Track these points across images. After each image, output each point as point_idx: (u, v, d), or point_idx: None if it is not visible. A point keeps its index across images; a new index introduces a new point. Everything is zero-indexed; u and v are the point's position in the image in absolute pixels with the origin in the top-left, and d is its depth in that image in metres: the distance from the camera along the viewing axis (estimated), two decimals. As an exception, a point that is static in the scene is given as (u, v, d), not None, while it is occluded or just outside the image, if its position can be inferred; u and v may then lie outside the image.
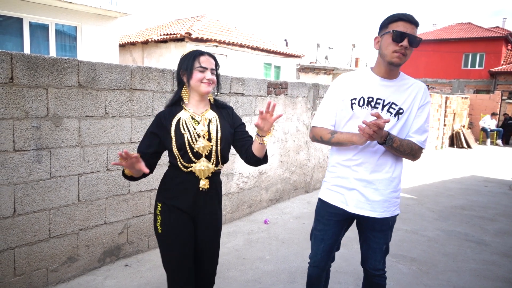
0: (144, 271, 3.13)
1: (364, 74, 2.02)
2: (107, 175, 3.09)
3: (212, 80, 1.87)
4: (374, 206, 1.98)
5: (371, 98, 1.95)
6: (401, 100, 1.94)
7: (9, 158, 2.51)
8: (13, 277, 2.61)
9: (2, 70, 2.42)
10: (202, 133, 1.86)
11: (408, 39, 1.81)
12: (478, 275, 3.36)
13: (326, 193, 2.12)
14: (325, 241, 2.12)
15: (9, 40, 8.74)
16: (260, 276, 3.17)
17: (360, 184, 1.98)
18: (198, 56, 1.87)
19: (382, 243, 2.07)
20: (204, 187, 1.89)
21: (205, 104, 1.96)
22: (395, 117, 1.93)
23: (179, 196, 1.90)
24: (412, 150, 1.93)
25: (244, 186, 4.55)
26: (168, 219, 1.89)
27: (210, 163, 1.88)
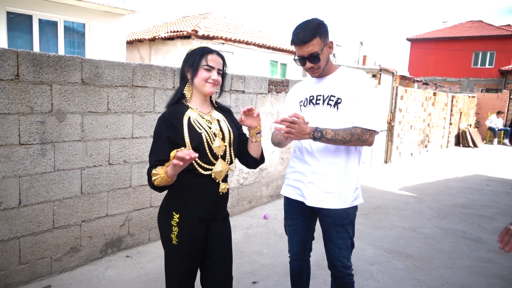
0: (144, 262, 3.24)
1: (307, 79, 2.20)
2: (109, 169, 3.19)
3: (217, 81, 1.77)
4: (332, 198, 2.01)
5: (312, 97, 2.08)
6: (338, 91, 2.00)
7: (15, 151, 2.63)
8: (18, 265, 2.74)
9: (8, 67, 2.53)
10: (217, 133, 1.76)
11: (308, 61, 1.97)
12: (472, 272, 3.41)
13: (287, 188, 2.20)
14: (297, 234, 2.20)
15: (19, 37, 8.92)
16: (256, 268, 3.26)
17: (316, 177, 2.03)
18: (206, 54, 1.76)
19: (346, 237, 2.09)
20: (224, 191, 1.79)
21: (208, 104, 1.86)
22: (335, 107, 2.00)
23: (198, 204, 1.75)
24: (353, 135, 1.89)
25: (244, 182, 4.64)
26: (186, 232, 1.74)
27: (226, 164, 1.78)
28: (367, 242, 3.93)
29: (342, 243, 2.08)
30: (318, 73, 2.02)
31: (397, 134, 8.87)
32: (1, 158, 2.57)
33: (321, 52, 1.94)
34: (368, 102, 1.96)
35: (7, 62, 2.53)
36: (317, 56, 1.94)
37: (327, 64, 2.03)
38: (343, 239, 2.08)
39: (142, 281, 2.94)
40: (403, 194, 6.12)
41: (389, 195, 5.97)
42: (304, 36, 1.90)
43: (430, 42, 27.80)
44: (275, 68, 15.77)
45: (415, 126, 9.85)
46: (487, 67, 25.93)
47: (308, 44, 1.91)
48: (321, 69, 2.01)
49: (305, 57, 1.96)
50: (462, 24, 29.22)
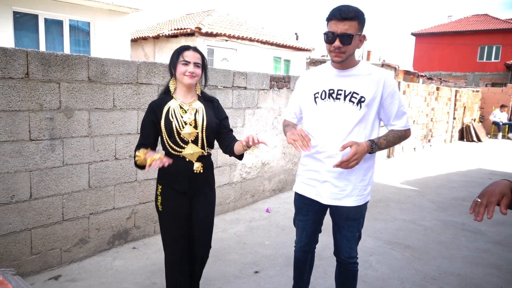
0: (150, 253, 3.36)
1: (324, 68, 2.08)
2: (115, 164, 3.31)
3: (195, 73, 2.06)
4: (347, 196, 2.04)
5: (332, 90, 1.99)
6: (362, 88, 1.95)
7: (25, 146, 2.75)
8: (30, 256, 2.87)
9: (18, 66, 2.65)
10: (189, 121, 2.08)
11: (338, 39, 1.83)
12: (469, 262, 3.49)
13: (301, 186, 2.20)
14: (306, 229, 2.25)
15: (25, 36, 9.06)
16: (258, 259, 3.36)
17: (332, 176, 2.03)
18: (183, 51, 2.08)
19: (355, 231, 2.14)
20: (198, 170, 2.11)
21: (192, 95, 2.17)
22: (357, 106, 1.95)
23: (176, 179, 2.12)
24: (400, 138, 2.03)
25: (247, 176, 4.74)
26: (167, 200, 2.14)
27: (197, 147, 2.10)
28: (367, 234, 4.02)
29: (351, 236, 2.14)
30: (341, 58, 1.89)
31: (400, 129, 8.89)
32: (13, 153, 2.69)
33: (354, 36, 1.84)
34: (402, 103, 2.03)
35: (18, 61, 2.64)
36: (350, 38, 1.82)
37: (352, 54, 1.93)
38: (352, 232, 2.14)
39: (148, 271, 3.06)
40: (405, 187, 6.19)
41: (390, 189, 6.04)
42: (347, 13, 1.80)
43: (435, 36, 27.66)
44: (278, 64, 15.82)
45: (418, 121, 9.88)
46: (493, 61, 25.77)
47: (346, 21, 1.80)
48: (345, 56, 1.88)
49: (337, 34, 1.82)
50: (468, 18, 29.03)
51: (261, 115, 4.79)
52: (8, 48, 2.60)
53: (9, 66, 2.60)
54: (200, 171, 2.12)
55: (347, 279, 2.27)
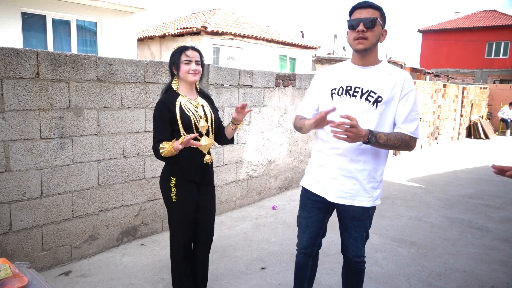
0: (158, 250, 3.41)
1: (343, 65, 2.06)
2: (123, 162, 3.36)
3: (197, 70, 2.19)
4: (355, 195, 1.99)
5: (349, 87, 1.95)
6: (380, 88, 1.90)
7: (36, 145, 2.81)
8: (41, 252, 2.93)
9: (29, 66, 2.70)
10: (202, 115, 2.24)
11: (362, 23, 1.83)
12: (476, 259, 3.49)
13: (308, 181, 2.16)
14: (309, 227, 2.17)
15: (33, 37, 9.18)
16: (264, 256, 3.40)
17: (340, 173, 1.99)
18: (184, 51, 2.18)
19: (362, 231, 2.11)
20: (208, 161, 2.30)
21: (194, 92, 2.31)
22: (373, 105, 1.90)
23: (190, 170, 2.26)
24: (403, 142, 1.89)
25: (253, 174, 4.78)
26: (182, 190, 2.26)
27: (209, 139, 2.29)
28: (372, 231, 4.03)
29: (358, 236, 2.11)
30: (363, 45, 1.86)
31: (406, 126, 8.87)
32: (24, 152, 2.75)
33: (378, 21, 1.84)
34: (415, 108, 1.94)
35: (28, 62, 2.70)
36: (374, 22, 1.82)
37: (374, 46, 1.90)
38: (359, 232, 2.10)
39: (156, 267, 3.11)
40: (411, 185, 6.19)
41: (396, 186, 6.04)
42: (371, 2, 1.88)
43: (442, 33, 27.43)
44: (284, 62, 15.82)
45: (425, 118, 9.84)
46: (501, 58, 25.50)
47: (369, 9, 1.85)
48: (368, 43, 1.85)
49: (361, 18, 1.83)
50: (475, 14, 28.74)
51: (267, 113, 4.82)
52: (19, 49, 2.65)
53: (20, 66, 2.66)
54: (210, 162, 2.32)
55: (353, 277, 2.26)
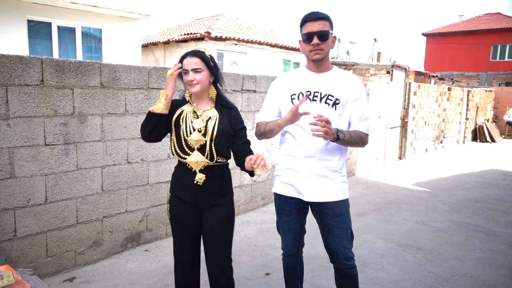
0: (162, 256, 3.40)
1: (299, 72, 2.17)
2: (127, 168, 3.37)
3: (195, 80, 1.92)
4: (330, 191, 2.07)
5: (308, 92, 2.06)
6: (336, 91, 2.04)
7: (41, 151, 2.82)
8: (45, 258, 2.93)
9: (34, 73, 2.72)
10: (198, 127, 1.97)
11: (316, 36, 1.96)
12: (483, 264, 3.45)
13: (281, 187, 2.18)
14: (292, 230, 2.20)
15: (39, 44, 9.27)
16: (269, 261, 3.38)
17: (312, 173, 2.06)
18: (181, 61, 1.98)
19: (345, 227, 2.12)
20: (199, 181, 1.98)
21: (207, 101, 2.06)
22: (333, 107, 2.04)
23: (181, 188, 2.06)
24: (360, 139, 2.07)
25: (257, 179, 4.77)
26: (174, 208, 2.09)
27: (203, 156, 1.97)
28: (378, 236, 4.01)
29: (342, 233, 2.11)
30: (319, 56, 2.00)
31: (411, 130, 8.85)
32: (29, 158, 2.76)
33: (330, 33, 1.98)
34: (367, 108, 2.11)
35: (33, 69, 2.72)
36: (326, 35, 1.96)
37: (328, 53, 2.05)
38: (342, 229, 2.12)
39: (160, 273, 3.10)
40: (416, 189, 6.14)
41: (402, 191, 6.00)
42: (318, 12, 1.99)
43: (447, 36, 27.37)
44: (288, 67, 15.84)
45: (430, 122, 9.79)
46: (507, 60, 25.37)
47: (320, 21, 1.96)
48: (324, 53, 2.00)
49: (314, 32, 1.95)
50: (480, 17, 28.67)
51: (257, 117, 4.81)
52: (24, 56, 2.68)
53: (25, 74, 2.68)
54: (200, 182, 1.99)
55: (347, 286, 2.22)
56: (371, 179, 6.81)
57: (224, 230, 2.08)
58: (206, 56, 1.99)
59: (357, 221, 4.42)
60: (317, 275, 3.11)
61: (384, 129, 7.82)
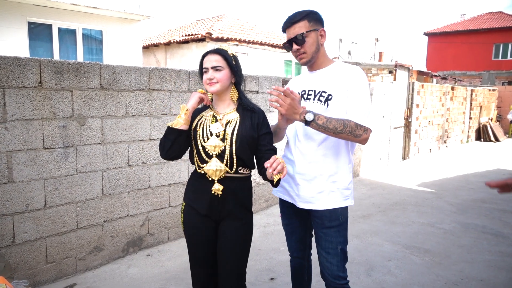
0: (164, 261, 3.33)
1: (302, 72, 2.14)
2: (128, 171, 3.30)
3: (214, 78, 1.79)
4: (319, 199, 1.92)
5: (303, 91, 2.01)
6: (330, 87, 1.91)
7: (39, 155, 2.76)
8: (45, 264, 2.87)
9: (32, 75, 2.66)
10: (216, 132, 1.82)
11: (294, 42, 1.89)
12: (493, 266, 3.37)
13: (279, 190, 2.11)
14: (295, 232, 2.16)
15: (40, 46, 9.22)
16: (274, 265, 3.30)
17: (301, 178, 1.95)
18: (202, 59, 1.85)
19: (335, 242, 1.94)
20: (216, 192, 1.81)
21: (228, 104, 1.89)
22: (324, 104, 1.90)
23: (196, 198, 1.88)
24: (346, 127, 1.76)
25: (261, 181, 4.69)
26: (188, 219, 1.92)
27: (222, 164, 1.80)
28: (384, 238, 3.93)
29: (329, 247, 1.94)
30: (305, 59, 1.92)
31: (415, 130, 8.76)
32: (27, 162, 2.70)
33: (306, 34, 1.86)
34: (363, 98, 1.85)
35: (31, 70, 2.65)
36: (302, 38, 1.87)
37: (316, 52, 1.92)
38: (330, 243, 1.94)
39: (163, 279, 3.03)
40: (422, 190, 6.06)
41: (407, 192, 5.92)
42: (291, 17, 1.90)
43: (448, 35, 27.26)
44: (289, 67, 15.77)
45: (433, 122, 9.70)
46: (509, 59, 25.24)
47: (294, 25, 1.88)
48: (308, 55, 1.90)
49: (291, 39, 1.89)
50: (481, 16, 28.55)
51: (273, 118, 4.74)
52: (21, 58, 2.61)
53: (23, 75, 2.62)
54: (218, 194, 1.81)
55: None
56: (375, 180, 6.72)
57: (241, 248, 1.89)
58: (228, 54, 1.84)
59: (362, 223, 4.34)
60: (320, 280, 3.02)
61: (388, 129, 7.73)
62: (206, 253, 1.91)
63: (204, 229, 1.88)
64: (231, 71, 1.84)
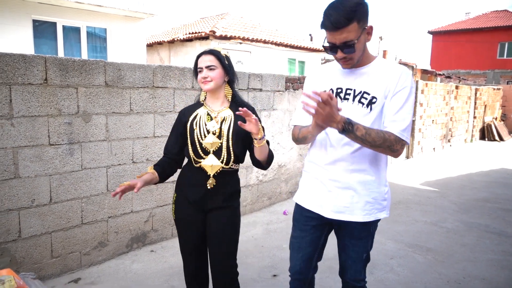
0: (168, 257, 3.36)
1: (333, 65, 1.82)
2: (132, 167, 3.32)
3: (209, 77, 1.90)
4: (353, 209, 1.75)
5: (340, 89, 1.75)
6: (374, 88, 1.69)
7: (45, 151, 2.78)
8: (50, 259, 2.90)
9: (37, 72, 2.69)
10: (212, 130, 1.92)
11: (340, 50, 1.62)
12: (495, 265, 3.37)
13: (302, 196, 1.92)
14: (302, 249, 1.91)
15: (44, 44, 9.27)
16: (276, 262, 3.32)
17: (336, 185, 1.76)
18: (196, 60, 1.97)
19: (362, 251, 1.87)
20: (210, 185, 1.93)
21: (222, 102, 2.00)
22: (368, 107, 1.69)
23: (190, 189, 1.99)
24: (385, 141, 1.60)
25: (263, 179, 4.71)
26: (180, 208, 2.04)
27: (219, 161, 1.92)
28: (387, 237, 3.94)
29: (356, 256, 1.88)
30: (351, 65, 1.69)
31: (419, 129, 8.75)
32: (33, 158, 2.73)
33: (357, 40, 1.58)
34: (408, 107, 1.66)
35: (36, 68, 2.68)
36: (352, 45, 1.58)
37: (363, 54, 1.68)
38: (357, 253, 1.87)
39: (166, 274, 3.05)
40: (425, 189, 6.05)
41: (410, 190, 5.91)
42: (338, 19, 1.54)
43: (453, 34, 27.14)
44: (293, 66, 15.76)
45: (437, 121, 9.68)
46: (515, 58, 25.12)
47: (342, 30, 1.55)
48: (354, 61, 1.66)
49: (337, 46, 1.60)
50: (486, 15, 28.39)
51: (277, 117, 4.76)
52: (27, 55, 2.64)
53: (28, 72, 2.65)
54: (211, 186, 1.94)
55: None
56: (378, 179, 6.71)
57: (229, 234, 2.02)
58: (221, 55, 1.96)
59: (365, 221, 4.35)
60: (326, 277, 3.04)
61: (391, 128, 7.71)
62: (197, 240, 2.04)
63: (195, 218, 2.01)
64: (224, 70, 1.96)
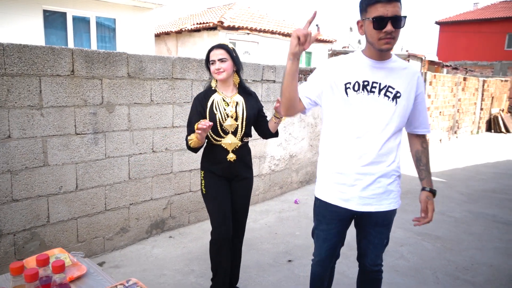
0: (186, 242, 3.49)
1: (355, 57, 1.83)
2: (153, 156, 3.44)
3: (221, 68, 2.25)
4: (380, 200, 1.82)
5: (366, 82, 1.75)
6: (397, 83, 1.76)
7: (71, 140, 2.91)
8: (76, 243, 3.04)
9: (65, 64, 2.79)
10: (230, 114, 2.30)
11: (391, 22, 1.60)
12: (502, 253, 3.48)
13: (325, 191, 1.91)
14: (328, 240, 1.97)
15: (54, 34, 9.35)
16: (290, 249, 3.45)
17: (361, 178, 1.80)
18: (208, 53, 2.31)
19: (384, 238, 1.95)
20: (231, 159, 2.34)
21: (232, 88, 2.38)
22: (393, 101, 1.75)
23: (214, 165, 2.38)
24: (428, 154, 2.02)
25: (275, 168, 4.82)
26: (209, 182, 2.40)
27: (236, 138, 2.32)
28: (396, 225, 4.05)
29: (378, 243, 1.95)
30: (391, 45, 1.66)
31: (426, 120, 8.78)
32: (61, 147, 2.85)
33: (404, 20, 1.63)
34: (426, 107, 1.94)
35: (64, 60, 2.78)
36: (401, 20, 1.61)
37: None
38: (381, 239, 1.94)
39: (186, 259, 3.19)
40: (432, 179, 6.11)
41: (418, 181, 5.94)
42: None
43: (460, 25, 26.87)
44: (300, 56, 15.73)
45: (444, 112, 9.72)
46: (522, 49, 24.89)
47: (395, 3, 1.59)
48: (395, 41, 1.67)
49: (389, 17, 1.59)
50: (495, 5, 28.05)
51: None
52: (56, 47, 2.74)
53: (57, 64, 2.75)
54: (232, 160, 2.34)
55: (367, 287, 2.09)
56: (386, 169, 6.81)
57: (248, 198, 2.54)
58: (230, 48, 2.31)
59: (375, 210, 4.46)
60: (339, 262, 3.16)
61: (399, 119, 7.77)
62: (227, 208, 2.40)
63: (223, 187, 2.41)
64: (233, 61, 2.31)
